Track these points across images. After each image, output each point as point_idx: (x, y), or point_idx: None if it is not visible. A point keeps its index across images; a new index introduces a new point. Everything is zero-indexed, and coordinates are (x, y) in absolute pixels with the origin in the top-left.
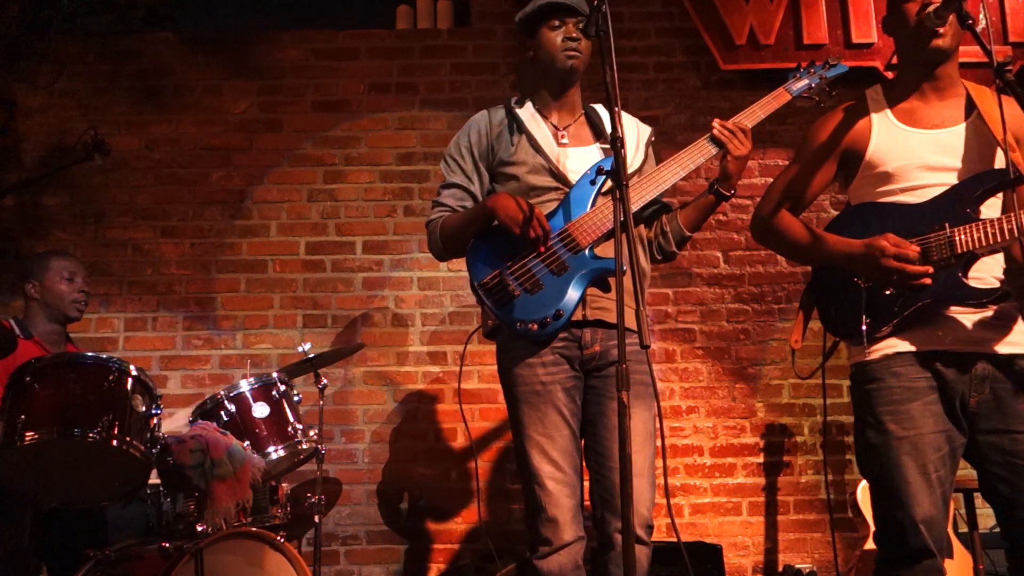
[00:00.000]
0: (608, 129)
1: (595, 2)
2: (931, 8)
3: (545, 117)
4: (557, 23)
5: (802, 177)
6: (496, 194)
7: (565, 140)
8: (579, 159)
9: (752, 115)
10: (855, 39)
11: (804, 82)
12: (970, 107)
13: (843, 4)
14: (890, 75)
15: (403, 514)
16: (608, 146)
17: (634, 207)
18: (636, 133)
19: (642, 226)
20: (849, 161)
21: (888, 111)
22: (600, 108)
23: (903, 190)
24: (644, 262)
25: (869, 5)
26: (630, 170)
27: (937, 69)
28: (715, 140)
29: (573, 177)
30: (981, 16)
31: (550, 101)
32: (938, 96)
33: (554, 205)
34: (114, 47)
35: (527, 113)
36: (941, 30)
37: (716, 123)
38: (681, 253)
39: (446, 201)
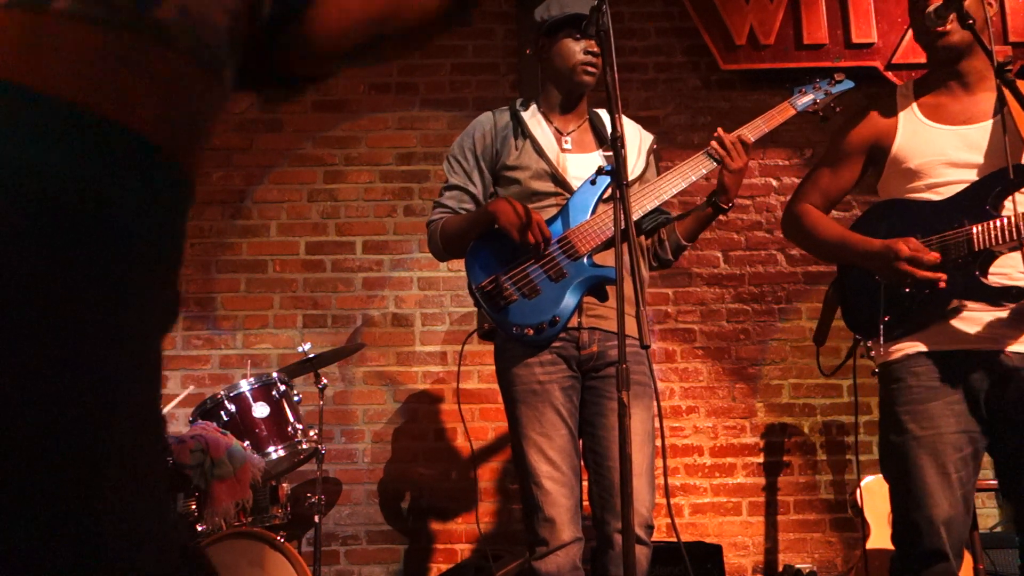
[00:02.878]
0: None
1: (595, 2)
2: (931, 8)
3: (549, 121)
4: (579, 35)
5: (831, 174)
6: (497, 199)
7: (568, 145)
8: (581, 165)
9: (756, 128)
10: (855, 39)
11: (809, 97)
12: (1000, 103)
13: (843, 4)
14: (890, 75)
15: (403, 514)
16: (610, 153)
17: (633, 216)
18: (638, 140)
19: (642, 236)
20: (876, 157)
21: (915, 107)
22: (604, 113)
23: (928, 187)
24: (643, 269)
25: (869, 5)
26: (632, 176)
27: (960, 65)
28: (712, 154)
29: (575, 183)
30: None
31: (556, 106)
32: (967, 92)
33: (555, 211)
34: None
35: (532, 117)
36: (943, 28)
37: (714, 138)
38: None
39: (447, 202)
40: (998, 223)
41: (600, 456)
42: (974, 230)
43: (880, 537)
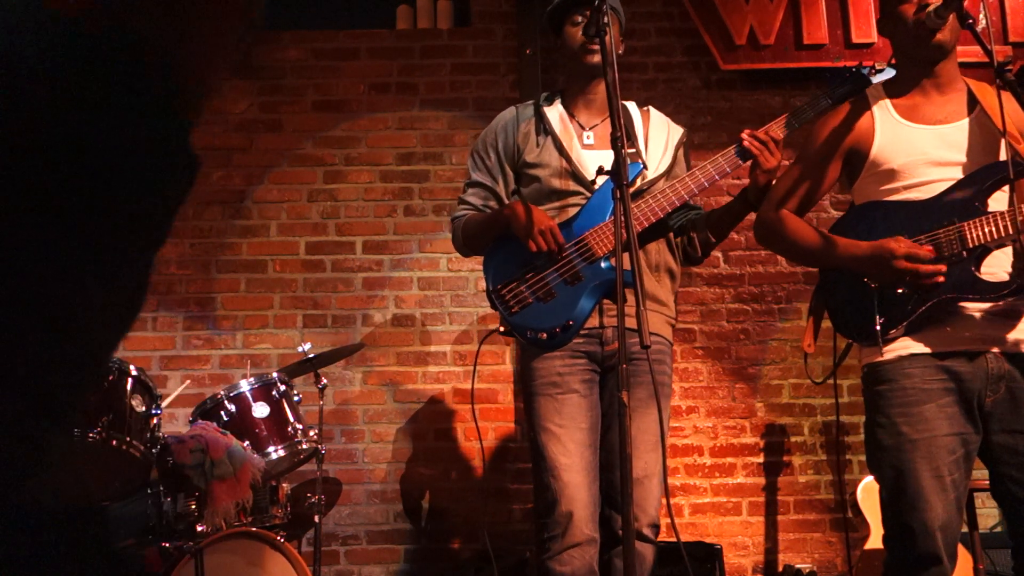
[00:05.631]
0: (637, 130)
1: (596, 1)
2: (931, 8)
3: (572, 116)
4: (580, 18)
5: (806, 177)
6: (513, 202)
7: (590, 141)
8: (602, 162)
9: (786, 123)
10: (855, 39)
11: (848, 87)
12: (972, 102)
13: (843, 4)
14: None
15: (403, 514)
16: (633, 150)
17: (658, 215)
18: (666, 134)
19: (671, 233)
20: (853, 160)
21: (890, 108)
22: (632, 107)
23: (908, 187)
24: (673, 263)
25: (869, 5)
26: (656, 173)
27: (937, 65)
28: (744, 151)
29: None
30: (981, 16)
31: (578, 98)
32: (939, 92)
33: (575, 210)
34: None
35: (554, 112)
36: (942, 30)
37: (746, 134)
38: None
39: (471, 199)
40: (990, 219)
41: (612, 454)
42: (967, 227)
43: (880, 537)
